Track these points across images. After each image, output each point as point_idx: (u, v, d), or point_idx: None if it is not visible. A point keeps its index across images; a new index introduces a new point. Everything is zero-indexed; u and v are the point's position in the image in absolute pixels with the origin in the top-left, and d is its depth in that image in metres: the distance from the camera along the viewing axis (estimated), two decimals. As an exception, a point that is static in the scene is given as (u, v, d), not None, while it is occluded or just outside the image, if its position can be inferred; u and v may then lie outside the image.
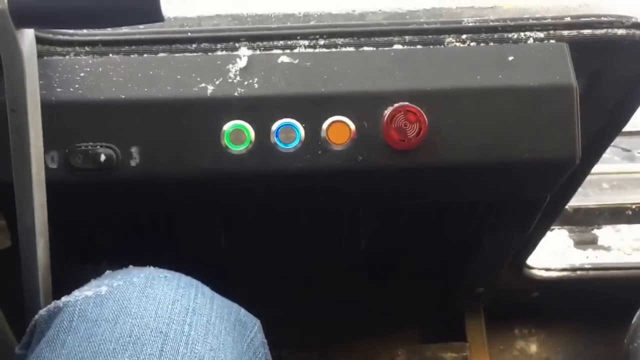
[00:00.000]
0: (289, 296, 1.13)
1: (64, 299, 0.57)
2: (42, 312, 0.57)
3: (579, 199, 1.21)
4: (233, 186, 0.67)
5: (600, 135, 0.76)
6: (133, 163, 0.63)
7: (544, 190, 0.73)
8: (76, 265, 0.81)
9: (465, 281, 1.12)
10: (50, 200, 0.62)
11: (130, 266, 0.61)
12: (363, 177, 0.66)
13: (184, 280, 0.59)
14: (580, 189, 0.88)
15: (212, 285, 0.63)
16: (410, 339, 1.24)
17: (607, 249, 1.23)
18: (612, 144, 0.80)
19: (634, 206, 1.25)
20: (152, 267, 0.61)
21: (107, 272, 0.61)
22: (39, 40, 0.62)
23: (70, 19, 0.53)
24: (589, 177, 0.85)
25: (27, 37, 0.55)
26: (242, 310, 0.62)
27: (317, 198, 0.72)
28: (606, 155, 0.82)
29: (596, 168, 0.83)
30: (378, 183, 0.68)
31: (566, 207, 0.97)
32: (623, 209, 1.27)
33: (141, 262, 0.63)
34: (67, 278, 0.66)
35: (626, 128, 0.77)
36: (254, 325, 0.62)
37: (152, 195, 0.68)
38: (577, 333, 1.27)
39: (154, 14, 0.50)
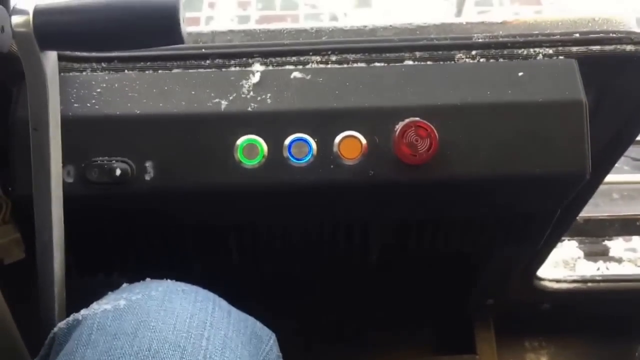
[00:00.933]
0: (300, 307, 1.13)
1: (83, 311, 0.57)
2: (62, 324, 0.57)
3: (589, 210, 1.20)
4: (246, 200, 0.68)
5: (611, 149, 0.76)
6: (148, 177, 0.64)
7: (555, 205, 0.73)
8: (88, 276, 0.82)
9: (475, 293, 1.12)
10: (65, 213, 0.63)
11: (148, 279, 0.62)
12: (374, 192, 0.67)
13: (202, 294, 0.60)
14: (590, 200, 0.88)
15: (223, 296, 0.63)
16: (419, 350, 1.23)
17: (618, 260, 1.23)
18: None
19: (644, 217, 1.24)
20: (169, 281, 0.61)
21: (125, 285, 0.61)
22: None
23: (94, 43, 0.54)
24: (599, 187, 0.85)
25: (51, 58, 0.57)
26: (258, 324, 0.63)
27: (328, 212, 0.72)
28: (616, 164, 0.82)
29: (606, 178, 0.83)
30: (389, 197, 0.69)
31: (576, 217, 0.97)
32: (634, 220, 1.27)
33: (153, 273, 0.64)
34: (79, 289, 0.67)
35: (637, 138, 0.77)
36: (269, 338, 0.63)
37: (166, 209, 0.69)
38: (588, 346, 1.26)
39: (175, 37, 0.51)
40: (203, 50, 0.68)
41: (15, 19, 0.52)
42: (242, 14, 2.61)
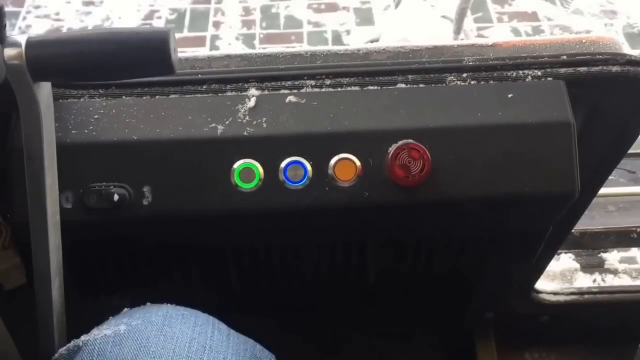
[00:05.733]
0: (299, 327, 1.13)
1: (83, 337, 0.58)
2: (62, 350, 0.58)
3: (585, 222, 1.21)
4: (243, 223, 0.69)
5: (599, 167, 0.77)
6: (145, 202, 0.65)
7: (546, 223, 0.74)
8: (89, 299, 0.83)
9: (474, 307, 1.12)
10: (64, 239, 0.63)
11: (148, 304, 0.62)
12: (369, 213, 0.68)
13: (201, 317, 0.61)
14: (585, 212, 0.88)
15: (222, 316, 0.64)
16: (420, 364, 1.24)
17: (614, 272, 1.23)
18: (617, 166, 0.80)
19: (639, 229, 1.25)
20: (169, 305, 0.62)
21: (125, 310, 0.62)
22: (54, 84, 0.64)
23: (86, 74, 0.54)
24: (594, 200, 0.85)
25: (44, 89, 0.57)
26: (258, 346, 0.64)
27: (324, 233, 0.73)
28: (611, 177, 0.82)
29: (601, 190, 0.83)
30: (384, 218, 0.70)
31: (572, 230, 0.97)
32: (629, 232, 1.27)
33: (153, 296, 0.65)
34: (80, 312, 0.67)
35: (631, 150, 0.77)
36: None
37: (164, 233, 0.70)
38: (587, 356, 1.26)
39: (166, 68, 0.52)
40: (199, 75, 0.68)
41: (8, 52, 0.52)
42: (246, 32, 2.62)
